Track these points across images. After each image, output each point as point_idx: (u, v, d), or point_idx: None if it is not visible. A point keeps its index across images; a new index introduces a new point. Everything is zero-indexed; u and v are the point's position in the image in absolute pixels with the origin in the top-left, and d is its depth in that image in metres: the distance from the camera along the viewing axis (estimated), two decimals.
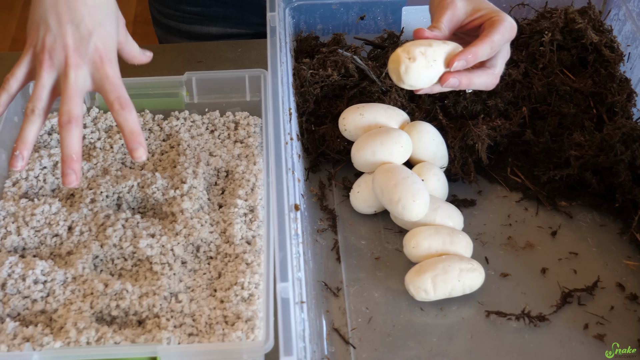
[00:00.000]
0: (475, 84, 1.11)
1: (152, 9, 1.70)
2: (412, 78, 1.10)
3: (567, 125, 1.28)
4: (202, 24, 1.62)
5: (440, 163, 1.26)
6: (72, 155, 1.01)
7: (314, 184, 1.30)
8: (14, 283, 1.10)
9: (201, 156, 1.25)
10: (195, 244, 1.15)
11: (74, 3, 1.03)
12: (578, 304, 1.14)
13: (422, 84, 1.11)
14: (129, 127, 1.03)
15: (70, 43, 1.02)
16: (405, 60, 1.09)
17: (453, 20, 1.13)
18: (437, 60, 1.09)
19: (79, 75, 1.02)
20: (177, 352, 0.99)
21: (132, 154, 1.03)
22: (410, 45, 1.10)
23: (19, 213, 1.18)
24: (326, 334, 1.11)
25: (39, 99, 1.03)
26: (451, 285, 1.11)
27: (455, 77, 1.09)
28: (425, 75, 1.09)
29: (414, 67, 1.09)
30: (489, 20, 1.12)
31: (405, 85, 1.11)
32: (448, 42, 1.11)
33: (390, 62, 1.11)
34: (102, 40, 1.04)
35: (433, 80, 1.10)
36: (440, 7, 1.14)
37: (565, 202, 1.26)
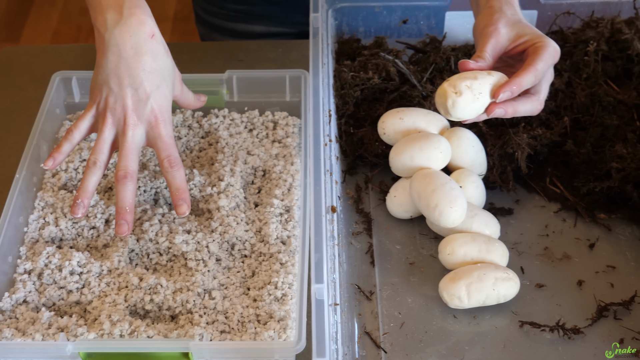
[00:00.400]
0: (520, 111, 1.11)
1: (196, 7, 1.70)
2: (460, 111, 1.10)
3: (610, 136, 1.26)
4: (246, 22, 1.63)
5: (479, 170, 1.25)
6: (125, 208, 1.09)
7: (351, 186, 1.30)
8: (50, 273, 1.11)
9: (239, 154, 1.25)
10: (230, 241, 1.15)
11: (134, 69, 1.11)
12: (614, 318, 1.12)
13: (469, 116, 1.11)
14: (175, 185, 1.12)
15: (130, 104, 1.11)
16: (452, 94, 1.09)
17: (497, 48, 1.13)
18: (483, 92, 1.09)
19: (135, 134, 1.11)
20: (209, 349, 1.00)
21: (176, 209, 1.11)
22: (456, 79, 1.10)
23: (57, 204, 1.19)
24: (358, 337, 1.11)
25: (100, 152, 1.12)
26: (485, 294, 1.11)
27: (501, 107, 1.10)
28: (472, 107, 1.10)
29: (461, 101, 1.09)
30: (533, 46, 1.11)
31: (452, 118, 1.11)
32: (493, 73, 1.10)
33: (437, 96, 1.11)
34: (158, 103, 1.13)
35: (479, 111, 1.11)
36: (483, 34, 1.13)
37: (604, 214, 1.24)
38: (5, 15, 3.39)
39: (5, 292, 1.09)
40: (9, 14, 3.40)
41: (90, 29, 3.26)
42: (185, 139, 1.30)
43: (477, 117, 1.12)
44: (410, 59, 1.42)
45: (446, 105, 1.10)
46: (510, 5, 1.16)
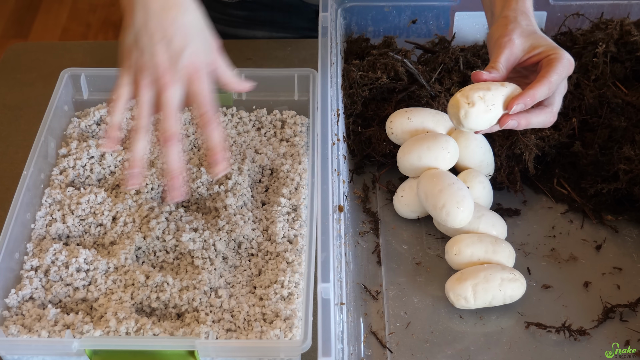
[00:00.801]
0: (533, 123, 1.11)
1: None
2: (472, 122, 1.10)
3: (617, 138, 1.26)
4: (248, 27, 1.62)
5: (486, 171, 1.25)
6: (174, 171, 1.05)
7: (358, 186, 1.30)
8: (57, 270, 1.11)
9: (247, 153, 1.25)
10: (237, 240, 1.16)
11: (164, 22, 1.06)
12: (620, 320, 1.12)
13: (481, 127, 1.11)
14: (207, 144, 1.07)
15: (163, 62, 1.06)
16: (465, 105, 1.09)
17: (510, 59, 1.12)
18: (496, 103, 1.09)
19: (172, 93, 1.06)
20: (215, 347, 1.00)
21: (210, 169, 1.07)
22: (469, 89, 1.09)
23: (64, 201, 1.19)
24: (363, 336, 1.11)
25: (141, 116, 1.07)
26: (492, 295, 1.11)
27: (514, 119, 1.09)
28: (484, 118, 1.09)
29: (473, 112, 1.09)
30: (547, 58, 1.11)
31: (464, 128, 1.11)
32: (506, 84, 1.10)
33: (450, 107, 1.11)
34: (193, 57, 1.07)
35: (492, 122, 1.10)
36: (497, 45, 1.13)
37: (611, 216, 1.24)
38: (14, 12, 3.40)
39: (12, 288, 1.09)
40: (18, 11, 3.40)
41: (98, 27, 3.27)
42: (193, 137, 1.30)
43: (489, 128, 1.12)
44: (419, 58, 1.42)
45: (459, 115, 1.10)
46: (525, 15, 1.15)
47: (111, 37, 3.28)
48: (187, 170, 1.23)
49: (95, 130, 1.31)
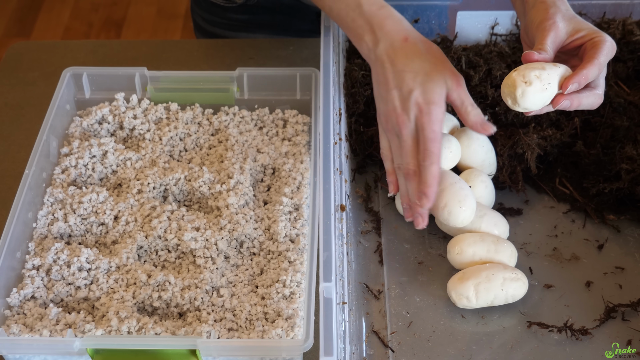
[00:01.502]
0: (583, 104, 1.11)
1: (196, 17, 1.68)
2: (528, 101, 1.09)
3: (620, 138, 1.26)
4: (248, 31, 1.62)
5: (489, 170, 1.25)
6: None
7: (360, 185, 1.30)
8: (58, 269, 1.11)
9: (249, 152, 1.25)
10: (239, 239, 1.16)
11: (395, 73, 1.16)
12: (622, 320, 1.12)
13: (535, 107, 1.10)
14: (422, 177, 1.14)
15: (397, 105, 1.15)
16: (522, 84, 1.08)
17: (556, 41, 1.12)
18: (552, 83, 1.08)
19: (408, 132, 1.15)
20: (216, 346, 1.00)
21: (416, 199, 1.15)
22: (524, 68, 1.09)
23: (66, 200, 1.19)
24: (365, 336, 1.11)
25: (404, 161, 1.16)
26: (494, 294, 1.11)
27: (567, 99, 1.09)
28: (540, 97, 1.09)
29: (530, 91, 1.08)
30: (591, 41, 1.11)
31: (519, 108, 1.10)
32: (558, 65, 1.10)
33: (505, 86, 1.10)
34: (423, 95, 1.14)
35: (546, 102, 1.10)
36: (541, 28, 1.13)
37: (613, 215, 1.24)
38: (16, 11, 3.40)
39: (14, 287, 1.09)
40: (21, 10, 3.40)
41: (100, 26, 3.27)
42: (195, 136, 1.30)
43: (541, 109, 1.11)
44: None
45: (515, 94, 1.09)
46: (562, 0, 1.15)
47: (113, 36, 3.28)
48: (189, 169, 1.23)
49: (97, 130, 1.31)
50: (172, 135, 1.29)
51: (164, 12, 3.39)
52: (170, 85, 1.34)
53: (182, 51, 1.58)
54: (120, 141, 1.30)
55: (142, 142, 1.29)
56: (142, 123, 1.31)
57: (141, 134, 1.30)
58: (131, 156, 1.25)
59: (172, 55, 1.56)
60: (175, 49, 1.59)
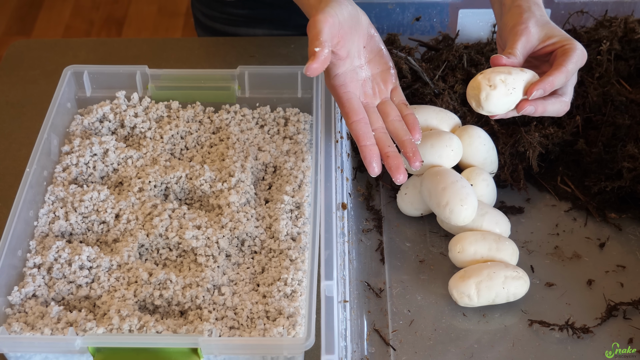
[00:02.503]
0: (549, 111, 1.12)
1: (196, 12, 1.69)
2: (492, 105, 1.09)
3: (621, 136, 1.26)
4: (248, 26, 1.62)
5: (490, 168, 1.25)
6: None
7: (362, 183, 1.30)
8: (60, 267, 1.11)
9: (250, 150, 1.25)
10: (240, 237, 1.15)
11: None
12: (623, 318, 1.12)
13: (500, 111, 1.10)
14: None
15: None
16: (486, 87, 1.08)
17: (527, 46, 1.13)
18: (517, 88, 1.09)
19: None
20: (218, 345, 1.00)
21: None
22: (490, 72, 1.09)
23: (67, 199, 1.19)
24: (367, 334, 1.11)
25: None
26: (495, 292, 1.11)
27: (532, 105, 1.10)
28: (504, 102, 1.09)
29: (495, 95, 1.08)
30: (562, 48, 1.11)
31: (483, 111, 1.10)
32: (525, 70, 1.10)
33: (470, 89, 1.11)
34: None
35: (510, 107, 1.10)
36: (514, 32, 1.13)
37: (615, 214, 1.24)
38: (17, 9, 3.40)
39: (15, 286, 1.09)
40: (21, 8, 3.40)
41: (101, 24, 3.27)
42: (196, 134, 1.30)
43: (506, 114, 1.12)
44: (423, 56, 1.41)
45: (479, 97, 1.09)
46: (538, 6, 1.16)
47: (114, 34, 3.28)
48: (190, 167, 1.22)
49: (98, 128, 1.30)
50: (173, 134, 1.29)
51: (165, 10, 3.39)
52: (172, 84, 1.33)
53: (183, 49, 1.58)
54: (121, 139, 1.30)
55: (143, 140, 1.29)
56: (143, 121, 1.31)
57: (142, 132, 1.30)
58: (132, 154, 1.25)
59: (173, 53, 1.56)
60: (177, 47, 1.59)
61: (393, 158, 1.10)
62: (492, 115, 1.11)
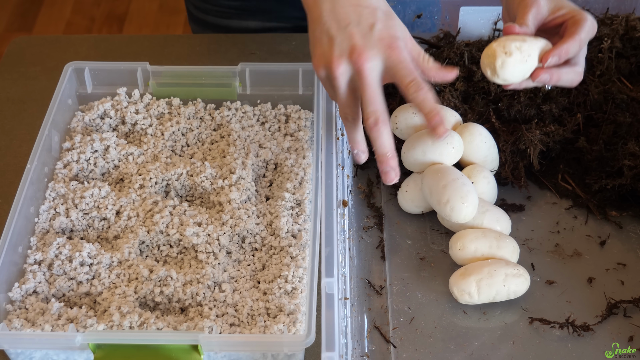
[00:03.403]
0: (563, 80, 1.12)
1: (188, 4, 1.68)
2: (508, 72, 1.09)
3: (622, 134, 1.26)
4: (240, 18, 1.61)
5: (491, 166, 1.25)
6: (386, 154, 1.06)
7: (362, 180, 1.30)
8: (60, 264, 1.11)
9: (251, 147, 1.25)
10: (241, 234, 1.16)
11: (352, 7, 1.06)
12: (624, 316, 1.12)
13: (515, 79, 1.10)
14: (427, 107, 1.06)
15: (357, 40, 1.04)
16: (502, 54, 1.08)
17: (537, 17, 1.13)
18: (532, 55, 1.08)
19: (371, 66, 1.04)
20: (218, 342, 1.00)
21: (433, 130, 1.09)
22: (505, 40, 1.09)
23: (68, 195, 1.19)
24: (367, 331, 1.11)
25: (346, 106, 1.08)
26: (496, 290, 1.11)
27: (547, 73, 1.10)
28: (520, 70, 1.09)
29: (510, 62, 1.08)
30: (572, 18, 1.12)
31: (499, 79, 1.10)
32: (539, 38, 1.10)
33: (485, 57, 1.10)
34: (387, 29, 1.05)
35: (525, 75, 1.10)
36: (523, 5, 1.13)
37: (615, 212, 1.24)
38: (18, 5, 3.40)
39: (15, 282, 1.09)
40: (23, 4, 3.40)
41: (102, 20, 3.27)
42: (197, 131, 1.30)
43: (520, 83, 1.11)
44: None
45: (494, 65, 1.09)
46: None
47: (115, 30, 3.28)
48: (191, 164, 1.22)
49: (99, 124, 1.30)
50: (174, 130, 1.29)
51: (166, 7, 3.39)
52: (173, 80, 1.33)
53: (184, 46, 1.58)
54: (122, 136, 1.30)
55: (144, 137, 1.29)
56: (144, 118, 1.31)
57: (143, 128, 1.30)
58: (133, 151, 1.25)
59: (174, 50, 1.56)
60: (178, 43, 1.59)
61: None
62: (506, 84, 1.11)
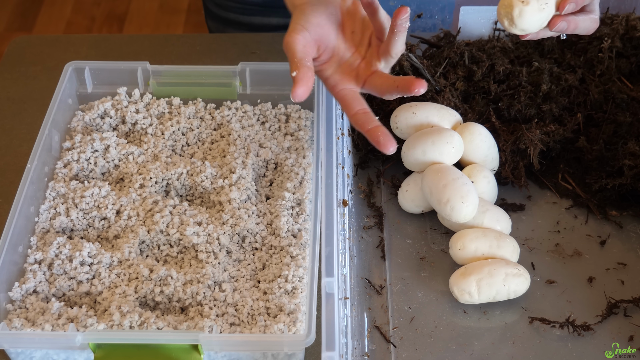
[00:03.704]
0: (580, 28, 1.10)
1: (208, 3, 1.68)
2: (525, 21, 1.07)
3: (622, 134, 1.26)
4: (263, 14, 1.61)
5: (491, 166, 1.25)
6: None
7: (363, 180, 1.30)
8: (60, 264, 1.11)
9: (251, 147, 1.25)
10: (241, 234, 1.15)
11: None
12: (624, 315, 1.12)
13: (533, 28, 1.08)
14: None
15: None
16: (519, 3, 1.07)
17: None
18: (549, 3, 1.07)
19: None
20: (218, 341, 1.00)
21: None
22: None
23: (68, 195, 1.19)
24: (367, 331, 1.11)
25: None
26: (496, 290, 1.11)
27: (565, 20, 1.08)
28: (537, 18, 1.07)
29: (528, 10, 1.06)
30: None
31: (516, 29, 1.08)
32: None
33: (502, 7, 1.09)
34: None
35: (543, 24, 1.08)
36: None
37: (616, 211, 1.24)
38: (18, 5, 3.40)
39: (16, 282, 1.09)
40: (23, 3, 3.40)
41: (103, 20, 3.27)
42: (198, 130, 1.30)
43: (537, 33, 1.10)
44: (424, 53, 1.41)
45: (512, 14, 1.07)
46: None
47: (115, 30, 3.28)
48: (191, 164, 1.22)
49: (99, 124, 1.30)
50: (174, 130, 1.29)
51: (166, 6, 3.39)
52: (173, 80, 1.33)
53: (185, 45, 1.58)
54: (122, 135, 1.30)
55: (144, 136, 1.29)
56: (145, 117, 1.31)
57: (143, 128, 1.30)
58: (133, 151, 1.25)
59: (174, 49, 1.56)
60: (178, 43, 1.59)
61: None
62: (523, 34, 1.09)
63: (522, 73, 1.30)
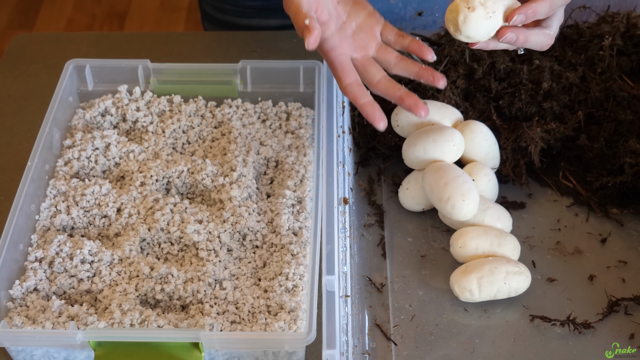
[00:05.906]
0: (531, 41, 1.07)
1: (205, 6, 1.66)
2: (470, 29, 1.05)
3: (623, 131, 1.26)
4: (261, 17, 1.61)
5: (492, 164, 1.25)
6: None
7: (363, 178, 1.30)
8: (61, 262, 1.11)
9: (252, 145, 1.25)
10: (241, 232, 1.15)
11: None
12: (625, 313, 1.12)
13: (479, 36, 1.07)
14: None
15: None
16: (464, 9, 1.05)
17: None
18: (497, 12, 1.05)
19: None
20: (219, 339, 1.00)
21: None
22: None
23: (69, 192, 1.19)
24: (368, 329, 1.11)
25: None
26: (497, 288, 1.11)
27: (513, 32, 1.06)
28: (483, 26, 1.05)
29: (473, 17, 1.05)
30: None
31: (462, 36, 1.07)
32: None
33: (448, 12, 1.07)
34: None
35: (490, 33, 1.06)
36: None
37: (616, 209, 1.24)
38: (19, 3, 3.39)
39: (16, 280, 1.09)
40: (23, 1, 3.40)
41: (103, 18, 3.27)
42: (198, 128, 1.30)
43: (486, 43, 1.08)
44: None
45: (457, 20, 1.05)
46: None
47: (116, 28, 3.28)
48: (192, 162, 1.22)
49: (100, 122, 1.30)
50: (175, 128, 1.29)
51: (167, 4, 3.39)
52: (174, 78, 1.33)
53: (186, 43, 1.57)
54: (123, 133, 1.30)
55: (145, 134, 1.29)
56: (145, 115, 1.31)
57: (144, 126, 1.30)
58: (134, 149, 1.25)
59: (175, 47, 1.56)
60: (179, 41, 1.59)
61: (407, 98, 1.10)
62: (471, 42, 1.08)
63: (523, 71, 1.30)
